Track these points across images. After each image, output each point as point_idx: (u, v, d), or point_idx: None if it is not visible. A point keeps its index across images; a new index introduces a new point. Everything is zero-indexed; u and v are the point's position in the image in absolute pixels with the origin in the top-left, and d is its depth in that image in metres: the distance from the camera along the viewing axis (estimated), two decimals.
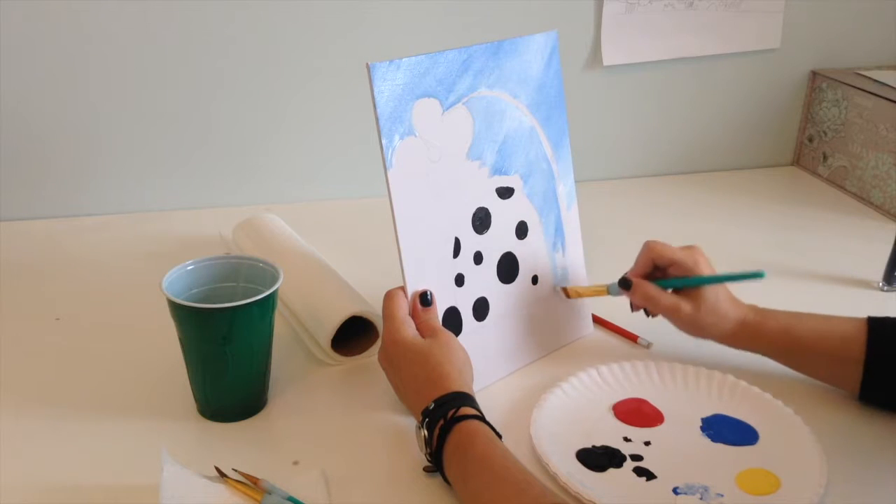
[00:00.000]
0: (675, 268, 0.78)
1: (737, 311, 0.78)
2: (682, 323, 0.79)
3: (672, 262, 0.78)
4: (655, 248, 0.79)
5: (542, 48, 0.82)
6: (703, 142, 1.34)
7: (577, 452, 0.70)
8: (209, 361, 0.72)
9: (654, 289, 0.78)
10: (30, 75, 1.07)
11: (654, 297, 0.78)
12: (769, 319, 0.78)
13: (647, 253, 0.79)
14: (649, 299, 0.79)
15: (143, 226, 1.13)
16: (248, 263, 0.76)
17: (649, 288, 0.78)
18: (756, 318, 0.78)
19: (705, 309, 0.77)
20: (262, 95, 1.14)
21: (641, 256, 0.80)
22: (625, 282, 0.80)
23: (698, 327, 0.79)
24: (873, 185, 1.22)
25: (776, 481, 0.67)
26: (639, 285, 0.79)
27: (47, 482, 0.66)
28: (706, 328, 0.79)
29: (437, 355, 0.69)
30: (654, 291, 0.78)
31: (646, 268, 0.79)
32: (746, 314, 0.78)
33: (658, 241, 0.79)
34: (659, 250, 0.78)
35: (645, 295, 0.78)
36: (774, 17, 1.27)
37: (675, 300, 0.78)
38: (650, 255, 0.79)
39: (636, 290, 0.79)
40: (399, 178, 0.71)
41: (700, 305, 0.77)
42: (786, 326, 0.77)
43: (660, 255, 0.78)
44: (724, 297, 0.78)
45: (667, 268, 0.79)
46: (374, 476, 0.68)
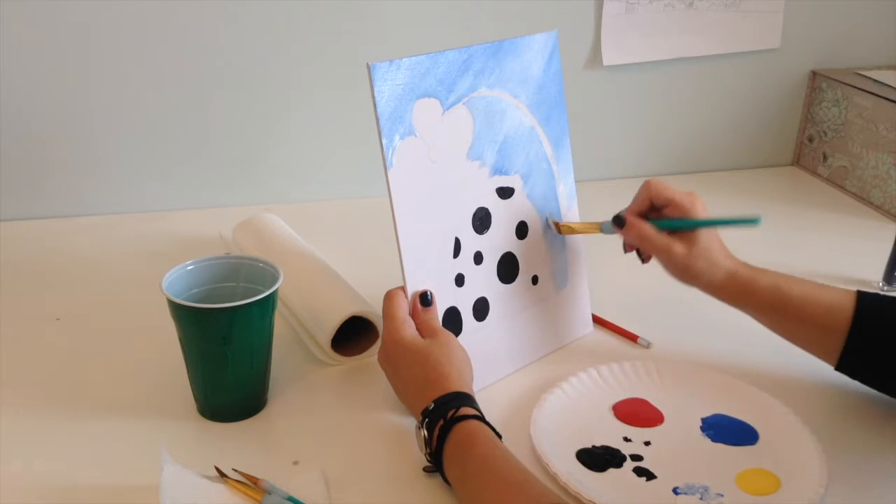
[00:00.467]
0: (672, 208, 0.77)
1: (729, 261, 0.77)
2: (674, 266, 0.78)
3: (669, 202, 0.77)
4: (655, 186, 0.77)
5: (542, 48, 0.82)
6: (704, 142, 1.34)
7: (577, 452, 0.70)
8: (209, 361, 0.72)
9: (649, 228, 0.77)
10: (30, 75, 1.07)
11: (648, 236, 0.77)
12: (760, 276, 0.77)
13: (646, 191, 0.78)
14: (643, 238, 0.77)
15: (143, 226, 1.13)
16: (248, 263, 0.76)
17: (643, 227, 0.77)
18: (747, 273, 0.77)
19: (698, 253, 0.76)
20: (263, 95, 1.14)
21: (639, 194, 0.78)
22: (619, 219, 0.78)
23: (689, 272, 0.77)
24: (873, 185, 1.22)
25: (776, 481, 0.67)
26: (633, 224, 0.77)
27: (47, 482, 0.66)
28: (696, 274, 0.77)
29: (436, 355, 0.69)
30: (647, 230, 0.77)
31: (642, 205, 0.78)
32: (739, 267, 0.77)
33: (658, 180, 0.78)
34: (658, 189, 0.77)
35: (639, 234, 0.77)
36: (774, 17, 1.27)
37: (668, 241, 0.76)
38: (648, 194, 0.78)
39: (630, 228, 0.78)
40: (399, 178, 0.71)
41: (692, 249, 0.76)
42: (776, 285, 0.76)
43: (658, 194, 0.77)
44: (717, 245, 0.77)
45: (663, 208, 0.78)
46: (374, 476, 0.68)
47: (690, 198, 0.77)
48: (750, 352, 0.84)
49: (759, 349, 0.84)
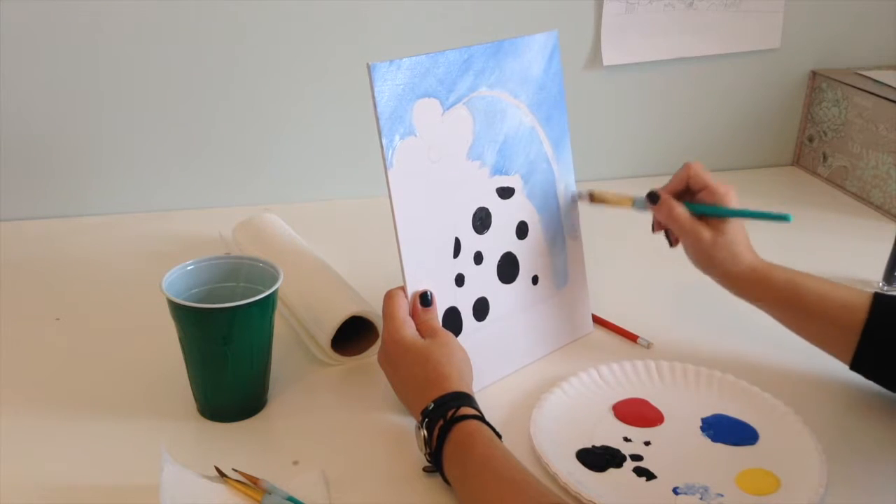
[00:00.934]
0: (707, 193, 0.78)
1: (750, 256, 0.79)
2: (697, 250, 0.79)
3: (705, 187, 0.78)
4: (695, 168, 0.79)
5: (542, 48, 0.82)
6: (703, 142, 1.34)
7: (577, 452, 0.70)
8: (209, 361, 0.72)
9: (680, 208, 0.78)
10: (30, 75, 1.07)
11: (679, 216, 0.78)
12: (777, 271, 0.78)
13: (684, 171, 0.79)
14: (673, 218, 0.78)
15: (143, 226, 1.13)
16: (248, 263, 0.76)
17: (676, 206, 0.78)
18: (765, 268, 0.78)
19: (723, 242, 0.77)
20: (263, 95, 1.14)
21: (677, 175, 0.80)
22: (653, 196, 0.79)
23: (710, 259, 0.78)
24: (873, 185, 1.22)
25: (776, 481, 0.67)
26: (666, 201, 0.78)
27: (47, 482, 0.66)
28: (717, 263, 0.78)
29: (436, 355, 0.69)
30: (679, 210, 0.78)
31: (678, 185, 0.80)
32: (758, 263, 0.79)
33: (698, 164, 0.79)
34: (696, 171, 0.78)
35: (670, 212, 0.78)
36: (774, 17, 1.27)
37: (697, 224, 0.78)
38: (686, 175, 0.79)
39: (662, 205, 0.79)
40: (399, 177, 0.71)
41: (719, 237, 0.77)
42: (792, 281, 0.77)
43: (696, 176, 0.78)
44: (742, 238, 0.78)
45: (698, 192, 0.79)
46: (374, 476, 0.68)
47: (726, 187, 0.78)
48: (750, 352, 0.84)
49: (760, 349, 0.84)
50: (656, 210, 0.79)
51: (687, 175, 0.79)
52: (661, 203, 0.79)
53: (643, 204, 0.80)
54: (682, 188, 0.80)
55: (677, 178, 0.80)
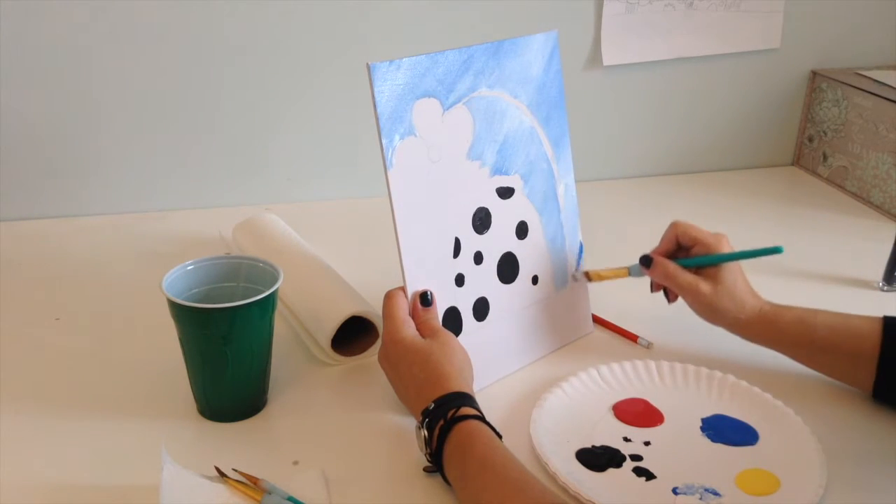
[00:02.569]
0: (699, 247, 0.79)
1: (754, 300, 0.79)
2: (700, 304, 0.80)
3: (696, 242, 0.79)
4: (681, 227, 0.80)
5: (542, 48, 0.82)
6: (703, 142, 1.34)
7: (577, 452, 0.70)
8: (209, 361, 0.72)
9: (674, 267, 0.79)
10: (30, 75, 1.07)
11: (674, 274, 0.79)
12: (785, 312, 0.78)
13: (672, 231, 0.81)
14: (669, 277, 0.80)
15: (143, 226, 1.13)
16: (248, 263, 0.76)
17: (669, 266, 0.80)
18: (772, 310, 0.79)
19: (723, 291, 0.78)
20: (263, 95, 1.14)
21: (666, 234, 0.81)
22: (646, 259, 0.81)
23: (715, 311, 0.79)
24: (873, 185, 1.22)
25: (776, 481, 0.67)
26: (659, 263, 0.80)
27: (47, 482, 0.66)
28: (722, 313, 0.79)
29: (437, 355, 0.69)
30: (673, 269, 0.79)
31: (669, 245, 0.81)
32: (763, 305, 0.79)
33: (684, 221, 0.80)
34: (684, 229, 0.80)
35: (665, 272, 0.80)
36: (774, 17, 1.27)
37: (694, 279, 0.79)
38: (675, 233, 0.80)
39: (656, 267, 0.80)
40: (399, 178, 0.71)
41: (718, 287, 0.78)
42: (801, 320, 0.77)
43: (684, 234, 0.80)
44: (742, 284, 0.79)
45: (690, 248, 0.80)
46: (374, 476, 0.68)
47: (717, 238, 0.79)
48: (750, 352, 0.84)
49: (760, 349, 0.84)
50: (651, 272, 0.81)
51: (676, 233, 0.80)
52: (655, 266, 0.81)
53: (638, 270, 0.83)
54: (674, 247, 0.81)
55: (667, 238, 0.81)
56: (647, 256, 0.81)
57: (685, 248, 0.81)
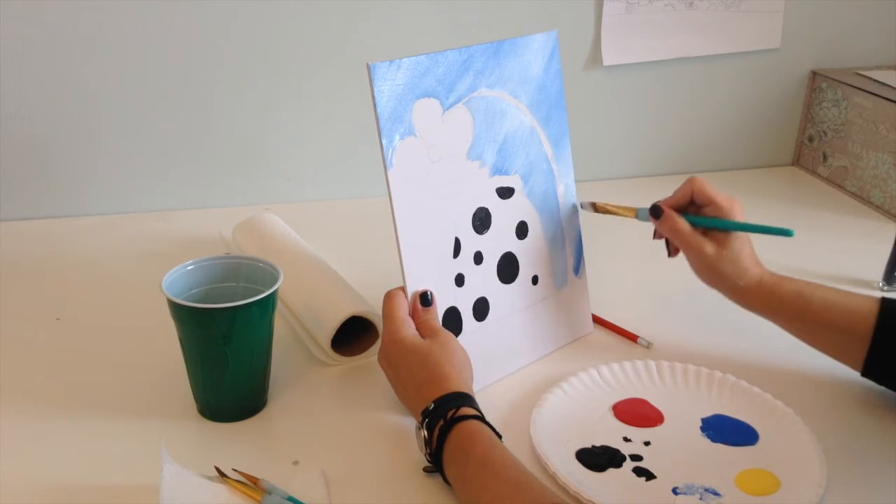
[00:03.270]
0: (712, 208, 0.77)
1: (756, 269, 0.78)
2: (701, 265, 0.79)
3: (710, 202, 0.77)
4: (699, 183, 0.78)
5: (542, 48, 0.82)
6: (703, 142, 1.34)
7: (576, 452, 0.70)
8: (209, 361, 0.72)
9: (683, 223, 0.77)
10: (30, 75, 1.07)
11: (682, 230, 0.77)
12: (784, 283, 0.78)
13: (688, 186, 0.78)
14: (676, 232, 0.78)
15: (143, 226, 1.13)
16: (248, 263, 0.76)
17: (679, 221, 0.78)
18: (772, 280, 0.78)
19: (727, 256, 0.77)
20: (263, 95, 1.14)
21: (681, 189, 0.79)
22: (656, 209, 0.79)
23: (716, 273, 0.78)
24: (873, 185, 1.22)
25: (776, 481, 0.67)
26: (669, 216, 0.78)
27: (47, 482, 0.66)
28: (723, 277, 0.78)
29: (436, 355, 0.69)
30: (682, 225, 0.77)
31: (682, 200, 0.79)
32: (764, 275, 0.78)
33: (702, 178, 0.78)
34: (701, 186, 0.78)
35: (673, 227, 0.78)
36: (774, 17, 1.27)
37: (700, 239, 0.77)
38: (691, 189, 0.78)
39: (665, 220, 0.78)
40: (399, 178, 0.71)
41: (723, 251, 0.77)
42: (800, 292, 0.77)
43: (700, 191, 0.78)
44: (748, 252, 0.78)
45: (703, 207, 0.78)
46: (374, 476, 0.68)
47: (731, 202, 0.77)
48: (750, 352, 0.84)
49: (760, 349, 0.84)
50: (659, 224, 0.79)
51: (691, 189, 0.78)
52: (664, 217, 0.78)
53: (646, 216, 0.80)
54: (686, 202, 0.79)
55: (681, 192, 0.79)
56: (657, 206, 0.79)
57: (697, 205, 0.79)
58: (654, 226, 0.80)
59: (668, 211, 0.78)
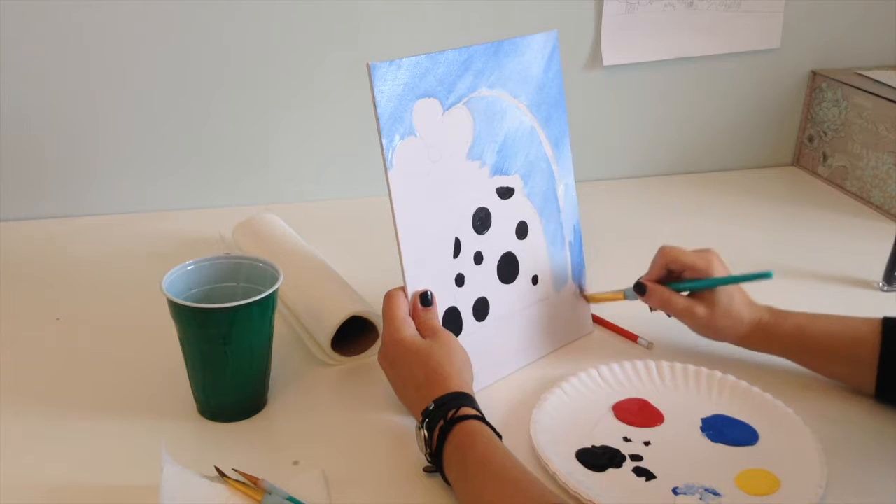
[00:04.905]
0: (690, 272, 0.79)
1: (752, 313, 0.79)
2: (698, 326, 0.81)
3: (686, 267, 0.79)
4: (670, 253, 0.80)
5: (542, 48, 0.82)
6: (703, 142, 1.34)
7: (576, 452, 0.70)
8: (209, 361, 0.72)
9: (669, 293, 0.80)
10: (30, 75, 1.07)
11: (669, 300, 0.80)
12: (784, 320, 0.79)
13: (662, 258, 0.81)
14: (664, 303, 0.81)
15: (143, 226, 1.13)
16: (248, 263, 0.76)
17: (664, 292, 0.80)
18: (771, 320, 0.79)
19: (719, 312, 0.79)
20: (263, 95, 1.14)
21: (656, 261, 0.82)
22: (640, 287, 0.82)
23: (713, 330, 0.80)
24: (873, 185, 1.22)
25: (776, 481, 0.67)
26: (653, 290, 0.81)
27: (47, 482, 0.66)
28: (721, 330, 0.80)
29: (437, 355, 0.69)
30: (668, 295, 0.80)
31: (660, 271, 0.81)
32: (762, 316, 0.79)
33: (673, 247, 0.81)
34: (673, 256, 0.80)
35: (660, 299, 0.81)
36: (774, 17, 1.27)
37: (689, 303, 0.79)
38: (665, 260, 0.81)
39: (651, 294, 0.81)
40: (399, 178, 0.71)
41: (714, 308, 0.79)
42: (799, 327, 0.78)
43: (674, 261, 0.80)
44: (738, 299, 0.79)
45: (682, 272, 0.80)
46: (374, 476, 0.68)
47: (706, 258, 0.79)
48: (750, 352, 0.84)
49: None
50: (646, 299, 0.82)
51: (665, 260, 0.81)
52: (650, 293, 0.81)
53: (633, 295, 0.83)
54: (665, 273, 0.81)
55: (657, 265, 0.82)
56: (640, 284, 0.82)
57: (676, 273, 0.81)
58: (644, 302, 0.83)
59: (652, 286, 0.81)
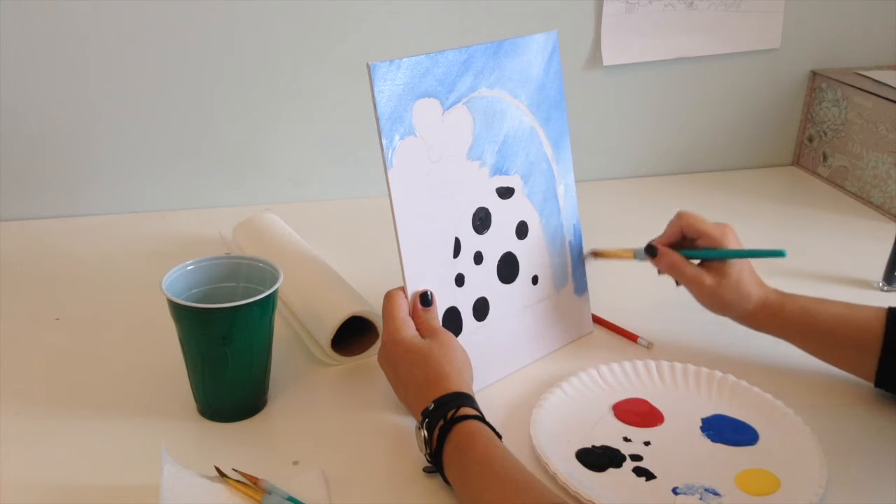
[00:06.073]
0: (704, 240, 0.79)
1: (759, 290, 0.79)
2: (704, 296, 0.80)
3: (701, 234, 0.79)
4: (687, 218, 0.80)
5: (542, 48, 0.82)
6: (703, 142, 1.34)
7: (576, 452, 0.70)
8: (209, 361, 0.72)
9: (679, 258, 0.79)
10: (29, 75, 1.07)
11: (679, 266, 0.79)
12: (790, 302, 0.78)
13: (678, 222, 0.80)
14: (673, 268, 0.80)
15: (143, 226, 1.13)
16: (248, 263, 0.76)
17: (674, 257, 0.79)
18: (777, 299, 0.79)
19: (728, 284, 0.78)
20: (263, 95, 1.14)
21: (672, 225, 0.81)
22: (651, 249, 0.81)
23: (719, 302, 0.79)
24: (873, 185, 1.22)
25: (776, 481, 0.67)
26: (664, 254, 0.80)
27: (47, 482, 0.66)
28: (727, 304, 0.79)
29: (436, 355, 0.69)
30: (678, 261, 0.79)
31: (674, 236, 0.80)
32: (769, 295, 0.79)
33: (690, 213, 0.80)
34: (689, 221, 0.79)
35: (669, 263, 0.80)
36: (774, 17, 1.27)
37: (698, 272, 0.79)
38: (680, 225, 0.80)
39: (661, 258, 0.80)
40: (399, 178, 0.71)
41: (722, 280, 0.78)
42: (806, 310, 0.78)
43: (689, 226, 0.79)
44: (748, 275, 0.79)
45: (695, 239, 0.79)
46: (374, 476, 0.68)
47: (722, 229, 0.78)
48: (750, 352, 0.84)
49: (760, 349, 0.84)
50: (656, 262, 0.81)
51: (681, 225, 0.80)
52: (660, 256, 0.80)
53: (643, 256, 0.82)
54: (679, 238, 0.81)
55: (672, 229, 0.81)
56: (652, 246, 0.81)
57: (690, 239, 0.80)
58: (653, 264, 0.82)
59: (663, 249, 0.80)
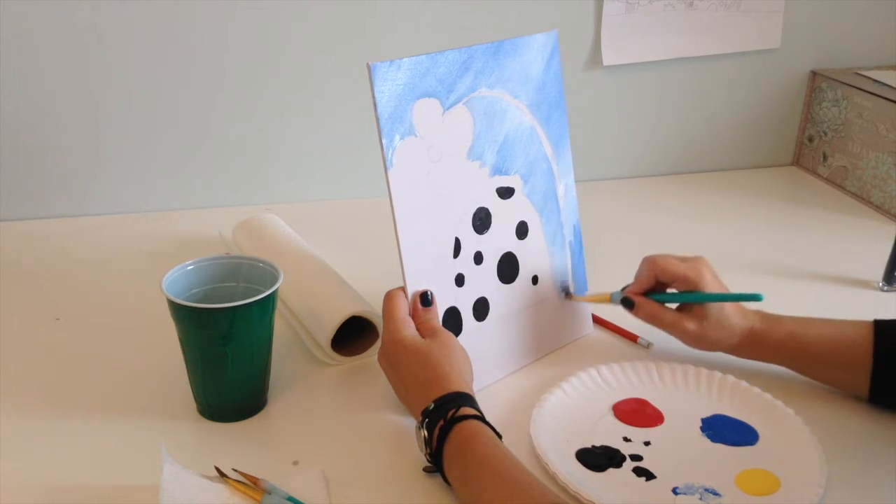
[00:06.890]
0: (680, 283, 0.78)
1: (743, 322, 0.78)
2: (689, 340, 0.79)
3: (676, 279, 0.77)
4: (658, 264, 0.78)
5: (542, 48, 0.82)
6: (703, 142, 1.34)
7: (576, 452, 0.70)
8: (209, 361, 0.72)
9: (657, 307, 0.78)
10: (30, 75, 1.07)
11: (658, 315, 0.78)
12: (775, 327, 0.77)
13: (650, 268, 0.78)
14: (652, 317, 0.79)
15: (143, 226, 1.13)
16: (248, 263, 0.76)
17: (652, 307, 0.78)
18: (762, 327, 0.78)
19: (710, 324, 0.77)
20: (263, 95, 1.14)
21: (644, 272, 0.79)
22: (627, 302, 0.80)
23: (705, 343, 0.79)
24: (873, 185, 1.22)
25: (776, 482, 0.67)
26: (640, 305, 0.79)
27: (47, 482, 0.66)
28: (713, 343, 0.79)
29: (436, 355, 0.69)
30: (656, 310, 0.78)
31: (648, 282, 0.79)
32: (753, 324, 0.78)
33: (660, 257, 0.78)
34: (662, 266, 0.77)
35: (647, 314, 0.79)
36: (774, 17, 1.27)
37: (678, 317, 0.78)
38: (653, 271, 0.78)
39: (639, 309, 0.79)
40: (399, 178, 0.71)
41: (704, 321, 0.77)
42: (792, 334, 0.77)
43: (663, 272, 0.78)
44: (729, 310, 0.77)
45: (670, 284, 0.78)
46: (374, 476, 0.68)
47: (696, 270, 0.77)
48: None
49: None
50: (635, 314, 0.80)
51: (653, 272, 0.78)
52: (638, 308, 0.79)
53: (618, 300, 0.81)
54: (653, 283, 0.79)
55: (645, 276, 0.79)
56: (628, 299, 0.79)
57: (664, 285, 0.79)
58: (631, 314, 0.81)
59: (639, 299, 0.79)
